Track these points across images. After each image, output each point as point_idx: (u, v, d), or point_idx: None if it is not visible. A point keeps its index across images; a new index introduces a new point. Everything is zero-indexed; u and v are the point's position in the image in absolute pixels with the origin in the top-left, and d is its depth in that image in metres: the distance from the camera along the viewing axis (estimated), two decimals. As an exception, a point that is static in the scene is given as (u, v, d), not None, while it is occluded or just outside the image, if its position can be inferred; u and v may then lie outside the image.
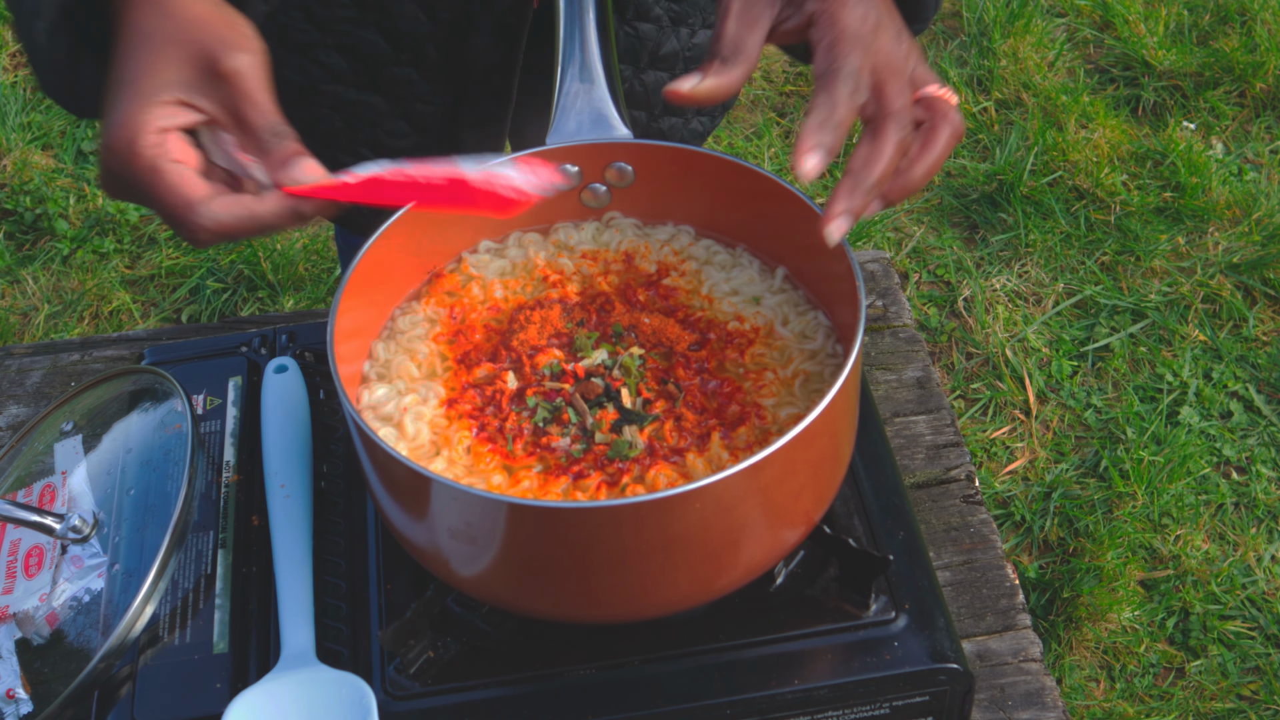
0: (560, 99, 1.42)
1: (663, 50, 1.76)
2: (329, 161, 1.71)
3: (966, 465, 1.61)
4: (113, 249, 3.59)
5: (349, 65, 1.67)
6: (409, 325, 1.39)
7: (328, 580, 1.37)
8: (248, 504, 1.44)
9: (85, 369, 1.80)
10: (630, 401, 1.28)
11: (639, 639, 1.29)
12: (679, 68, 1.78)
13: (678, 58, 1.78)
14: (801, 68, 4.04)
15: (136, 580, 1.31)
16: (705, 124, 1.93)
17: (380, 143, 1.73)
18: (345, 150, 1.75)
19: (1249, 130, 3.90)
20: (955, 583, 1.50)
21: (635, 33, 1.72)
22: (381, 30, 1.63)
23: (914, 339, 1.75)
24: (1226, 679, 2.73)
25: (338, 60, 1.67)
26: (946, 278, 3.50)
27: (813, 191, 3.69)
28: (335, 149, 1.75)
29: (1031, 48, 4.07)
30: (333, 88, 1.69)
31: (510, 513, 1.12)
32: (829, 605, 1.31)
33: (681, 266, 1.43)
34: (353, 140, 1.73)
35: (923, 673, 1.27)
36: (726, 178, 1.39)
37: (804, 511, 1.23)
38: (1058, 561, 2.91)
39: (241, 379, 1.56)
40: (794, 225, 1.34)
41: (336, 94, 1.70)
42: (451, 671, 1.28)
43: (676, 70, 1.79)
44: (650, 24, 1.73)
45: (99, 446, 1.48)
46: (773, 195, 1.35)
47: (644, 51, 1.75)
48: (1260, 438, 3.13)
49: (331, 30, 1.64)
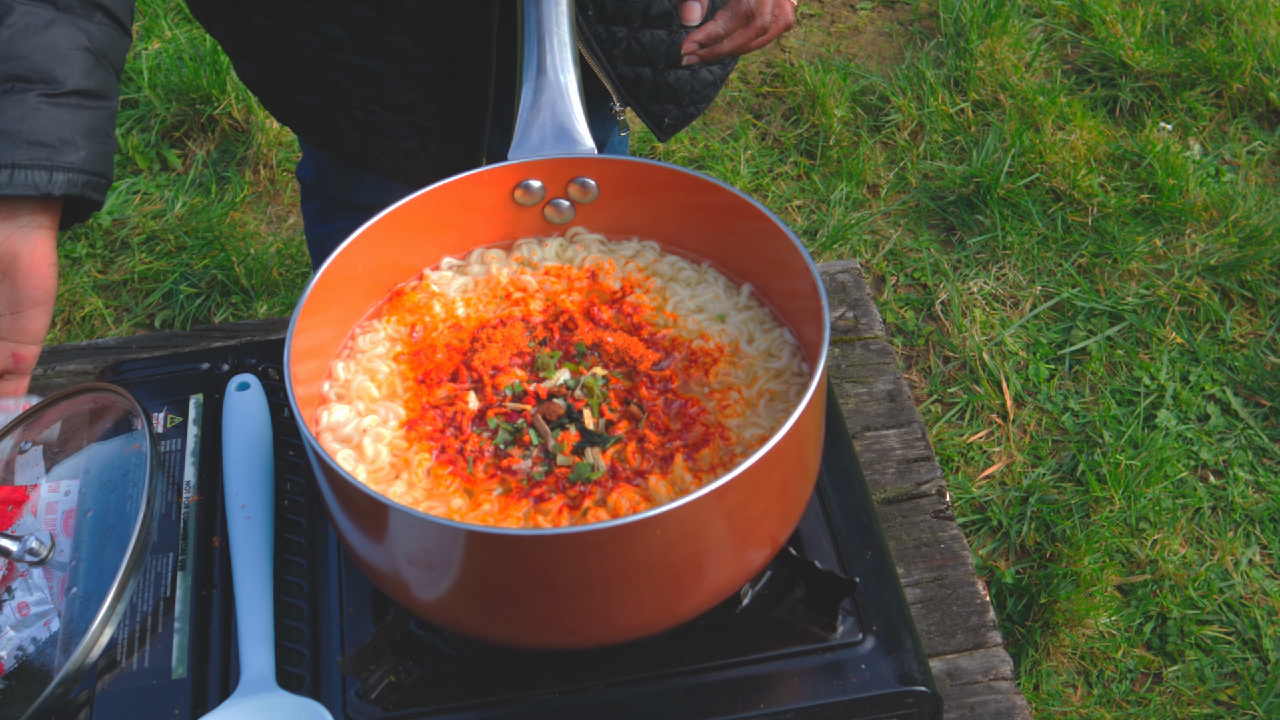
0: (523, 113, 1.41)
1: (654, 10, 1.80)
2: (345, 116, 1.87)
3: (938, 480, 1.60)
4: (85, 254, 3.56)
5: (349, 35, 1.77)
6: (369, 344, 1.37)
7: (289, 602, 1.35)
8: (208, 525, 1.42)
9: (49, 383, 1.78)
10: (593, 423, 1.26)
11: (604, 663, 1.28)
12: (675, 23, 1.83)
13: (671, 15, 1.83)
14: (779, 69, 4.03)
15: (94, 603, 1.29)
16: (716, 73, 1.96)
17: (387, 98, 1.84)
18: (358, 106, 1.86)
19: (1226, 131, 3.90)
20: (926, 600, 1.49)
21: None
22: (371, 4, 1.72)
23: (885, 351, 1.74)
24: (1204, 684, 2.72)
25: (338, 31, 1.76)
26: (923, 280, 3.49)
27: (779, 207, 3.68)
28: (349, 105, 1.86)
29: (1009, 48, 4.06)
30: (338, 55, 1.79)
31: (469, 540, 1.10)
32: (796, 627, 1.29)
33: (646, 283, 1.41)
34: (363, 97, 1.84)
35: (890, 695, 1.26)
36: (691, 192, 1.37)
37: (769, 533, 1.21)
38: (1035, 567, 2.90)
39: (203, 396, 1.54)
40: (759, 241, 1.33)
41: (342, 60, 1.80)
42: (413, 696, 1.27)
43: (673, 26, 1.84)
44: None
45: (58, 466, 1.45)
46: (737, 211, 1.34)
47: (635, 14, 1.80)
48: (1237, 441, 3.13)
49: (326, 6, 1.74)
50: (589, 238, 1.46)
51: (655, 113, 1.92)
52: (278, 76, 1.88)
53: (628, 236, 1.46)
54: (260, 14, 1.79)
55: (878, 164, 3.78)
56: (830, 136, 3.82)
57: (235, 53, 1.91)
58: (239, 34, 1.85)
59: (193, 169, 3.76)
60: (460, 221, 1.43)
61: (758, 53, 4.13)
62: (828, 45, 4.17)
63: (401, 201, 1.36)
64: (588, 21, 1.77)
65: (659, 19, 1.82)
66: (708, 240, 1.42)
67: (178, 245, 3.55)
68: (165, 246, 3.55)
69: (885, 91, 3.96)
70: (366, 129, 1.88)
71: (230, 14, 1.83)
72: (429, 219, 1.40)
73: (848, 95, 3.94)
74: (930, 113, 3.89)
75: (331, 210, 2.33)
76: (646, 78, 1.87)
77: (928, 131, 3.86)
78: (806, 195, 3.70)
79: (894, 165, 3.78)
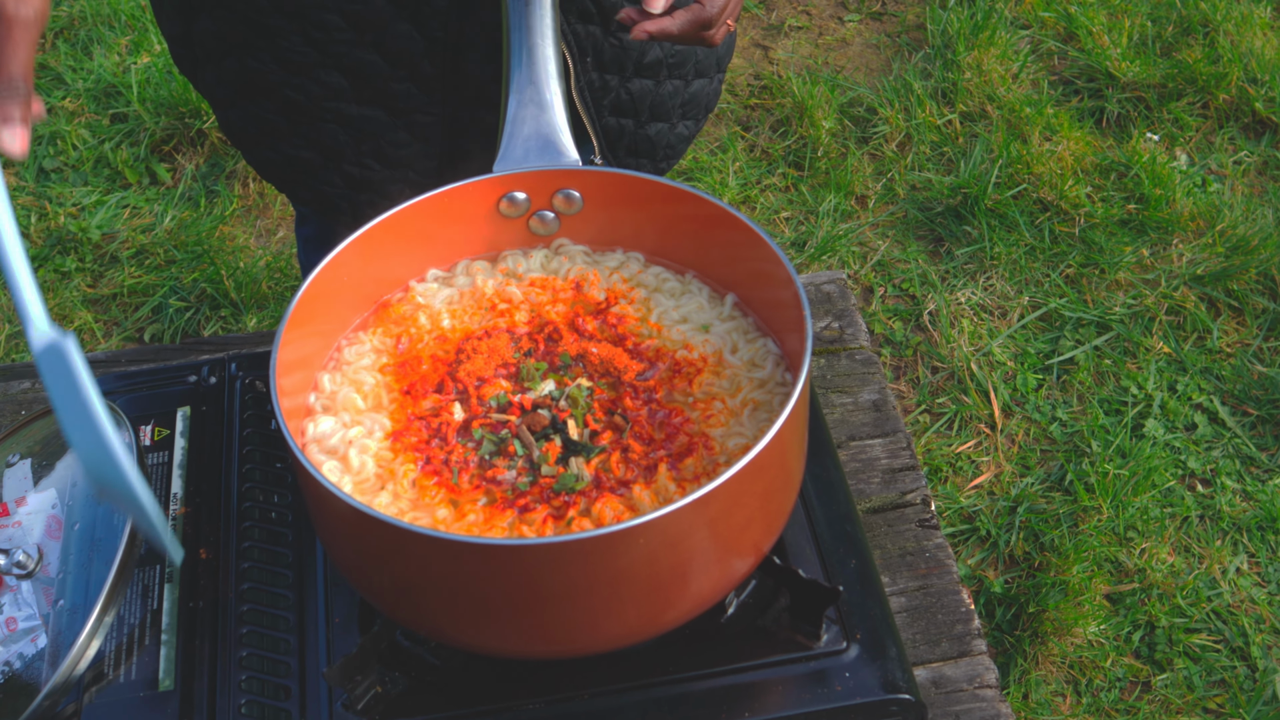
0: (508, 125, 1.41)
1: (647, 59, 1.78)
2: (337, 173, 1.77)
3: (923, 489, 1.61)
4: (74, 268, 3.56)
5: (349, 83, 1.70)
6: (355, 356, 1.38)
7: (275, 614, 1.36)
8: (195, 537, 1.43)
9: (36, 397, 1.78)
10: (577, 433, 1.27)
11: (589, 672, 1.28)
12: (663, 74, 1.82)
13: (661, 64, 1.80)
14: (767, 81, 4.04)
15: (81, 615, 1.30)
16: (690, 127, 1.95)
17: (384, 153, 1.76)
18: (352, 162, 1.78)
19: (1212, 141, 3.91)
20: (911, 608, 1.50)
21: (620, 43, 1.74)
22: (378, 49, 1.66)
23: (870, 361, 1.75)
24: (1192, 692, 2.73)
25: (337, 79, 1.69)
26: (911, 291, 3.50)
27: (767, 218, 3.69)
28: (341, 160, 1.78)
29: (996, 60, 4.08)
30: (334, 104, 1.72)
31: (453, 550, 1.10)
32: (780, 636, 1.30)
33: (631, 294, 1.42)
34: (358, 152, 1.76)
35: (874, 703, 1.26)
36: (675, 204, 1.38)
37: (753, 542, 1.22)
38: (1023, 576, 2.91)
39: (190, 409, 1.55)
40: (742, 251, 1.33)
41: (338, 110, 1.72)
42: (399, 707, 1.27)
43: (660, 77, 1.82)
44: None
45: (45, 479, 1.46)
46: (720, 221, 1.35)
47: (629, 61, 1.78)
48: (1224, 450, 3.14)
49: (330, 52, 1.67)
50: (574, 249, 1.46)
51: (629, 166, 1.90)
52: (267, 128, 1.79)
53: (612, 248, 1.47)
54: (255, 60, 1.70)
55: (866, 175, 3.79)
56: (818, 148, 3.83)
57: (222, 102, 1.82)
58: (229, 81, 1.77)
59: (182, 183, 3.77)
60: (446, 233, 1.44)
61: (746, 65, 4.14)
62: (815, 57, 4.19)
63: (387, 214, 1.36)
64: (584, 69, 1.73)
65: (649, 68, 1.80)
66: (692, 251, 1.43)
67: (167, 259, 3.55)
68: (154, 260, 3.56)
69: (873, 103, 3.98)
70: (359, 186, 1.81)
71: (221, 59, 1.75)
72: (415, 231, 1.41)
73: (835, 107, 3.96)
74: (918, 124, 3.90)
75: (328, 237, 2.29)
76: (629, 130, 1.84)
77: (915, 143, 3.87)
78: (795, 207, 3.71)
79: (882, 176, 3.79)
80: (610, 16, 1.70)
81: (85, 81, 4.01)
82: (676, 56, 1.81)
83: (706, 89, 1.91)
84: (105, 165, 3.82)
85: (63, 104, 3.96)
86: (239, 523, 1.44)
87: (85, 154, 3.83)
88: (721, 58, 1.92)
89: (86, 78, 4.02)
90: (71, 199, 3.72)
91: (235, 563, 1.40)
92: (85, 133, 3.88)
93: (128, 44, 4.12)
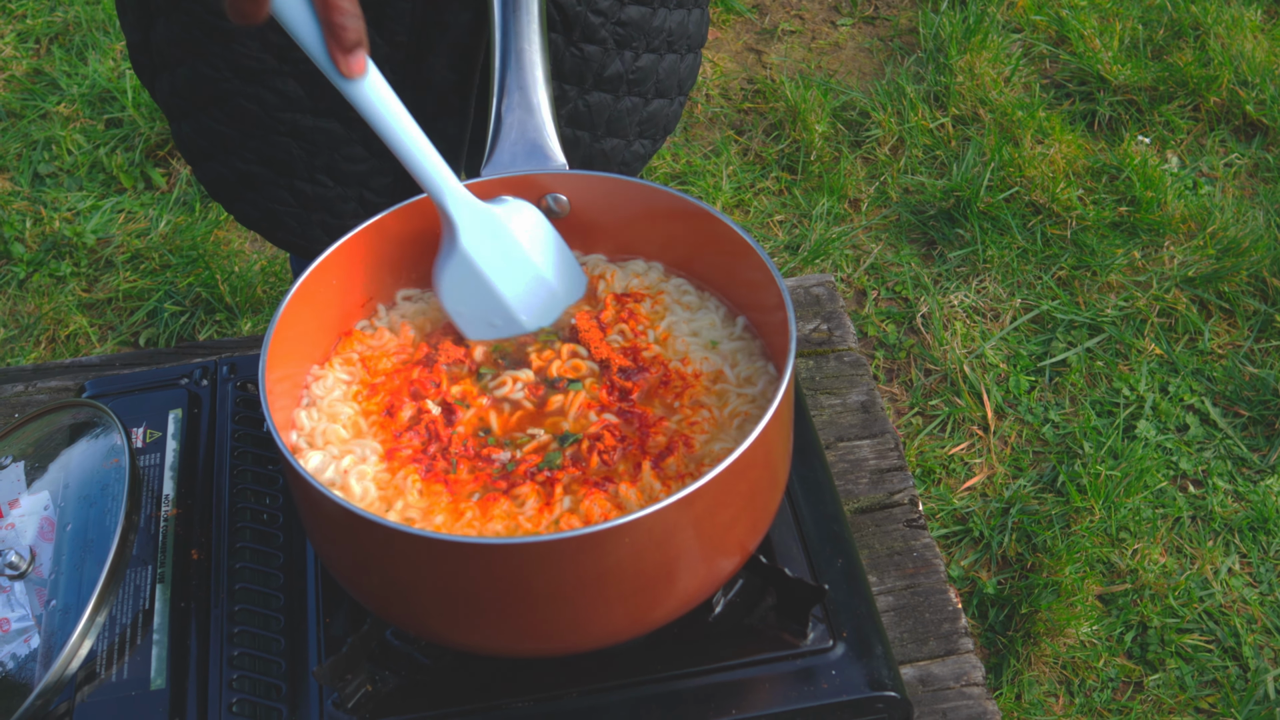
0: (496, 129, 1.42)
1: (607, 72, 1.76)
2: (289, 190, 1.74)
3: (910, 489, 1.62)
4: (69, 272, 3.57)
5: (305, 92, 1.67)
6: (324, 390, 1.38)
7: (266, 614, 1.37)
8: (187, 538, 1.44)
9: (30, 400, 1.79)
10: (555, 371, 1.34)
11: (578, 670, 1.29)
12: (622, 89, 1.79)
13: (621, 79, 1.78)
14: (760, 85, 4.06)
15: (73, 615, 1.30)
16: (646, 146, 1.93)
17: (338, 168, 1.73)
18: (304, 178, 1.74)
19: (1203, 144, 3.93)
20: (898, 607, 1.51)
21: (581, 54, 1.73)
22: None
23: (859, 363, 1.76)
24: (1184, 692, 2.74)
25: (294, 87, 1.66)
26: (904, 294, 3.51)
27: (760, 222, 3.70)
28: (293, 177, 1.74)
29: (988, 63, 4.09)
30: (289, 115, 1.68)
31: (441, 550, 1.11)
32: (767, 634, 1.31)
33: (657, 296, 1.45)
34: (311, 167, 1.73)
35: (861, 700, 1.27)
36: (658, 205, 1.39)
37: (739, 541, 1.23)
38: (1016, 577, 2.92)
39: (182, 411, 1.56)
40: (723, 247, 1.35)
41: (293, 121, 1.69)
42: (390, 705, 1.28)
43: (620, 92, 1.80)
44: (596, 46, 1.73)
45: (38, 481, 1.47)
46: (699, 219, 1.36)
47: (589, 73, 1.75)
48: (1216, 451, 3.15)
49: (288, 58, 1.63)
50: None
51: None
52: (219, 140, 1.73)
53: (599, 252, 1.48)
54: (209, 66, 1.65)
55: (859, 179, 3.80)
56: (811, 152, 3.84)
57: (176, 113, 1.76)
58: (181, 91, 1.71)
59: (177, 187, 3.78)
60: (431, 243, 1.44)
61: (739, 69, 4.15)
62: (808, 61, 4.20)
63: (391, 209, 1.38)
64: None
65: (609, 82, 1.77)
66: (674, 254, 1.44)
67: (162, 264, 3.56)
68: (149, 265, 3.57)
69: (866, 107, 3.99)
70: (311, 204, 1.76)
71: (176, 67, 1.70)
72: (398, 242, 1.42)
73: (828, 111, 3.97)
74: (910, 128, 3.92)
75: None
76: (584, 142, 1.81)
77: (908, 146, 3.88)
78: (788, 210, 3.72)
79: (875, 180, 3.80)
80: (573, 25, 1.69)
81: (80, 87, 4.02)
82: (637, 74, 1.79)
83: (665, 110, 1.88)
84: (100, 170, 3.83)
85: (58, 109, 3.97)
86: (230, 524, 1.44)
87: (80, 159, 3.84)
88: (684, 80, 1.89)
89: (81, 83, 4.03)
90: (66, 204, 3.73)
91: (227, 563, 1.41)
92: (80, 138, 3.89)
93: (122, 50, 4.13)
